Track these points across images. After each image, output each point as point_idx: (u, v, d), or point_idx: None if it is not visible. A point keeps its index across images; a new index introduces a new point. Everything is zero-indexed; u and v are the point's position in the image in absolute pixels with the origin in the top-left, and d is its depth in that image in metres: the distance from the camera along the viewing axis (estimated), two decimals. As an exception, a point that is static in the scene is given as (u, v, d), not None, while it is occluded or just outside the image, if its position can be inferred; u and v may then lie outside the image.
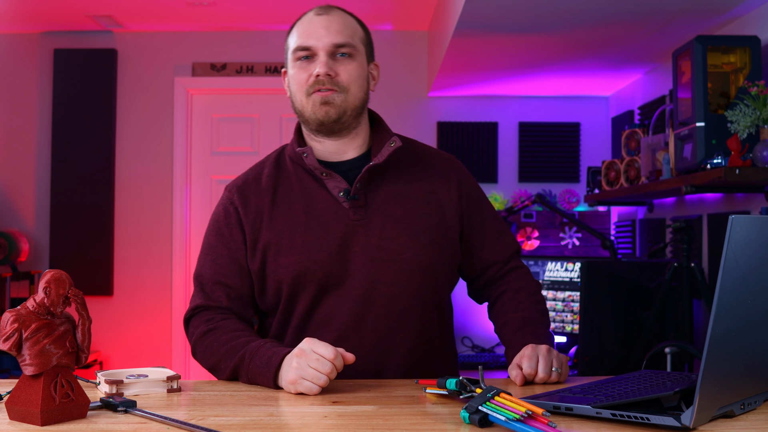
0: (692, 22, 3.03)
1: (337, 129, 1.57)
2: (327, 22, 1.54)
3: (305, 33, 1.55)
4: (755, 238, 1.05)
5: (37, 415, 1.06)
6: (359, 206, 1.54)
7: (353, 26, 1.58)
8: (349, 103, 1.54)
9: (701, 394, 1.01)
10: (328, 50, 1.53)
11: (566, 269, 3.68)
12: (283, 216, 1.56)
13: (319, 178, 1.56)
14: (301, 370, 1.30)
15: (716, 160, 2.49)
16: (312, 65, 1.54)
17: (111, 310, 4.48)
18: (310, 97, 1.54)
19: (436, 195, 1.60)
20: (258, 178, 1.63)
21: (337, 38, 1.53)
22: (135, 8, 4.15)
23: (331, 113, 1.53)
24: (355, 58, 1.55)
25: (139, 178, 4.55)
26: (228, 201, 1.61)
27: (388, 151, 1.56)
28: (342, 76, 1.53)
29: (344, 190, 1.54)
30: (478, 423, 1.07)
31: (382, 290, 1.52)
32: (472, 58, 3.69)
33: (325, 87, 1.52)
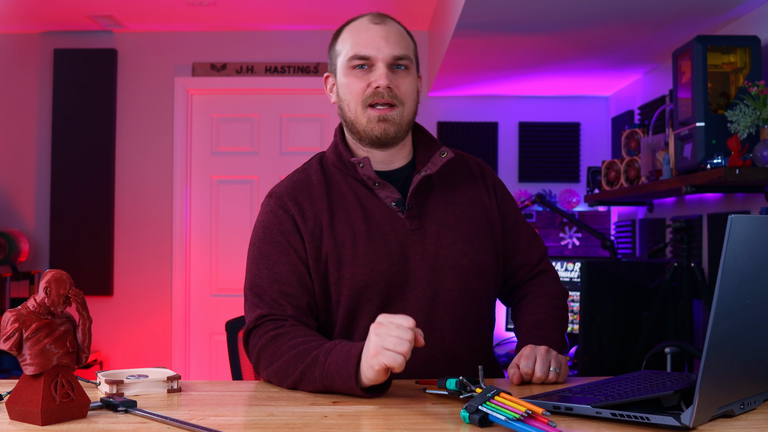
0: (692, 22, 3.03)
1: (391, 143, 1.55)
2: (385, 32, 1.52)
3: (363, 42, 1.52)
4: (755, 238, 1.05)
5: (37, 414, 1.06)
6: (413, 216, 1.53)
7: (408, 38, 1.57)
8: (405, 118, 1.54)
9: (701, 393, 1.01)
10: (388, 62, 1.51)
11: (566, 269, 3.68)
12: (342, 225, 1.51)
13: (370, 188, 1.54)
14: (381, 339, 1.22)
15: (716, 160, 2.49)
16: (370, 75, 1.51)
17: (111, 310, 4.48)
18: (366, 111, 1.51)
19: (479, 199, 1.61)
20: (308, 185, 1.56)
21: (396, 50, 1.51)
22: (135, 8, 4.15)
23: (390, 131, 1.52)
24: (410, 71, 1.54)
25: (139, 178, 4.55)
26: (278, 208, 1.53)
27: (440, 161, 1.55)
28: (401, 89, 1.52)
29: (397, 200, 1.52)
30: (478, 423, 1.07)
31: (444, 298, 1.51)
32: (472, 58, 3.69)
33: (383, 100, 1.50)
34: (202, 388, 1.40)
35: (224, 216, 4.60)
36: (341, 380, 1.27)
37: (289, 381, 1.36)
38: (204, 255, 4.59)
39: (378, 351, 1.22)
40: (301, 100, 4.62)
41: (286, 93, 4.60)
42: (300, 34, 4.55)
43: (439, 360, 1.51)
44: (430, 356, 1.49)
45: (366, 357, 1.24)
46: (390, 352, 1.21)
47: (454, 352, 1.52)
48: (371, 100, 1.51)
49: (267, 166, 4.58)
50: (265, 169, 4.57)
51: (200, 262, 4.60)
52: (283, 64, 4.53)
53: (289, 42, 4.55)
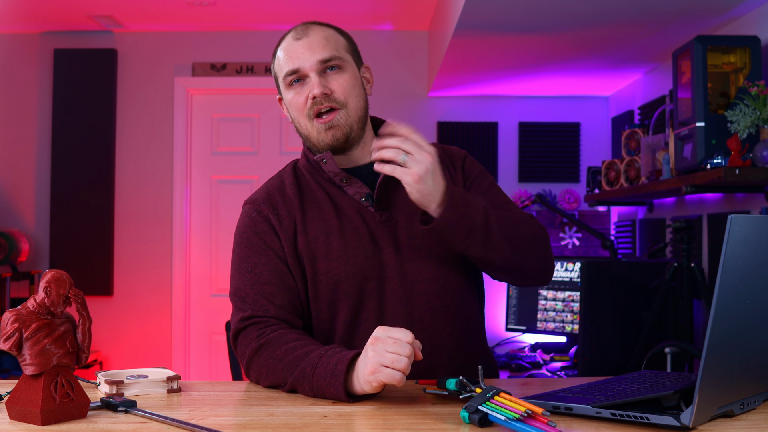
0: (692, 22, 3.03)
1: (348, 147, 1.56)
2: (307, 43, 1.53)
3: (290, 57, 1.54)
4: (755, 238, 1.05)
5: (37, 414, 1.06)
6: (383, 208, 1.55)
7: (334, 38, 1.57)
8: (351, 118, 1.54)
9: (701, 393, 1.01)
10: (317, 68, 1.52)
11: (566, 269, 3.68)
12: (314, 221, 1.53)
13: (339, 185, 1.56)
14: (379, 356, 1.20)
15: (716, 160, 2.49)
16: (306, 87, 1.53)
17: (111, 310, 4.48)
18: (312, 123, 1.53)
19: None
20: (281, 188, 1.60)
21: (321, 54, 1.52)
22: (135, 8, 4.15)
23: (339, 136, 1.53)
24: (344, 69, 1.54)
25: (139, 178, 4.55)
26: (254, 212, 1.57)
27: None
28: (337, 92, 1.52)
29: (366, 195, 1.54)
30: (478, 423, 1.07)
31: (421, 288, 1.51)
32: (472, 58, 3.69)
33: (324, 107, 1.51)
34: (202, 388, 1.40)
35: (224, 216, 4.60)
36: (332, 395, 1.27)
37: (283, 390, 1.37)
38: (204, 255, 4.59)
39: (376, 368, 1.21)
40: (301, 100, 4.61)
41: (286, 93, 4.59)
42: (300, 34, 4.54)
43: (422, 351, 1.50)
44: None
45: (363, 374, 1.23)
46: (388, 370, 1.20)
47: (436, 342, 1.51)
48: (313, 111, 1.52)
49: (267, 166, 4.58)
50: (265, 169, 4.57)
51: (200, 262, 4.60)
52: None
53: (289, 42, 4.55)
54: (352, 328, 1.52)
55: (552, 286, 3.73)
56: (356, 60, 1.60)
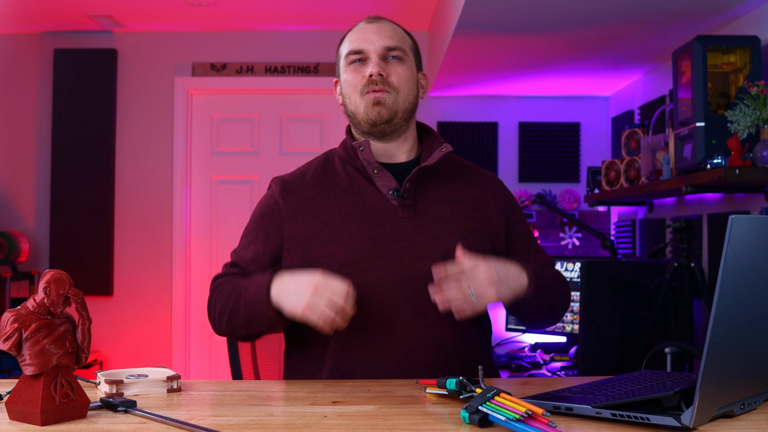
0: (692, 22, 3.03)
1: (388, 131, 1.62)
2: (378, 28, 1.63)
3: (357, 38, 1.63)
4: (755, 238, 1.05)
5: (37, 415, 1.06)
6: (408, 205, 1.58)
7: (402, 34, 1.67)
8: (399, 105, 1.61)
9: (701, 394, 1.01)
10: (380, 53, 1.61)
11: (566, 269, 3.68)
12: (329, 208, 1.58)
13: (369, 176, 1.60)
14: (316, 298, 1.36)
15: (716, 160, 2.49)
16: (364, 68, 1.61)
17: (111, 310, 4.48)
18: (363, 97, 1.60)
19: (483, 203, 1.65)
20: (303, 175, 1.67)
21: (388, 42, 1.61)
22: (135, 8, 4.15)
23: (383, 113, 1.59)
24: (405, 61, 1.63)
25: (139, 178, 4.55)
26: (270, 192, 1.66)
27: (439, 155, 1.61)
28: (393, 77, 1.60)
29: (394, 189, 1.59)
30: (478, 423, 1.07)
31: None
32: (472, 58, 3.69)
33: (377, 87, 1.59)
34: (202, 388, 1.40)
35: (224, 216, 4.60)
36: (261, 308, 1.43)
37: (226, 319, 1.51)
38: (204, 255, 4.59)
39: (309, 307, 1.36)
40: (301, 100, 4.62)
41: (286, 93, 4.60)
42: (300, 34, 4.55)
43: (422, 346, 1.52)
44: (414, 341, 1.52)
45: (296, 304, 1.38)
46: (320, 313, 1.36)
47: (436, 341, 1.53)
48: (367, 89, 1.60)
49: (267, 166, 4.58)
50: (265, 169, 4.57)
51: (200, 262, 4.59)
52: (283, 64, 4.53)
53: (289, 42, 4.55)
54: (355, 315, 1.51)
55: (552, 286, 3.72)
56: (417, 62, 1.69)
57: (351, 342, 1.53)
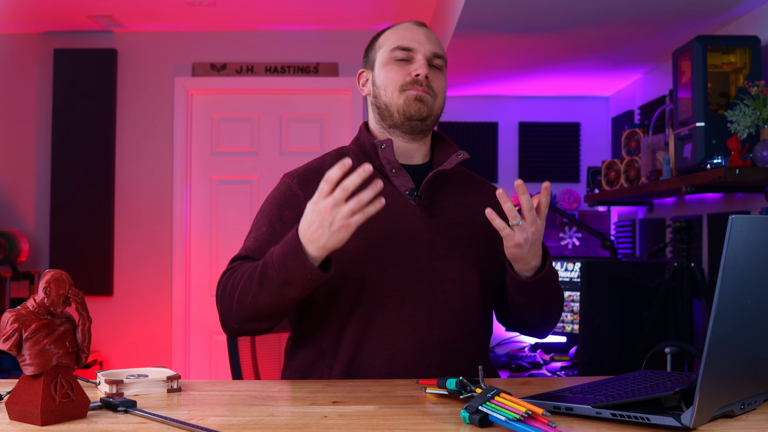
0: (692, 22, 3.03)
1: (419, 129, 1.63)
2: (426, 33, 1.65)
3: (407, 37, 1.63)
4: (755, 238, 1.05)
5: (37, 415, 1.06)
6: (425, 206, 1.60)
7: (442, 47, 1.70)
8: (436, 109, 1.63)
9: (701, 394, 1.01)
10: (428, 56, 1.62)
11: (566, 269, 3.68)
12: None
13: (386, 174, 1.61)
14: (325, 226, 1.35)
15: (716, 160, 2.49)
16: (410, 66, 1.61)
17: (111, 310, 4.48)
18: (403, 93, 1.60)
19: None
20: (320, 168, 1.64)
21: (436, 48, 1.64)
22: (135, 8, 4.15)
23: (423, 110, 1.60)
24: (443, 72, 1.66)
25: (139, 178, 4.55)
26: (285, 186, 1.63)
27: (456, 160, 1.63)
28: (435, 83, 1.62)
29: (411, 189, 1.60)
30: (478, 423, 1.07)
31: (445, 287, 1.56)
32: (472, 58, 3.69)
33: (421, 88, 1.60)
34: (202, 388, 1.40)
35: (224, 216, 4.60)
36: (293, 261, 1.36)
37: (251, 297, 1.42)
38: (204, 255, 4.59)
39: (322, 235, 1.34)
40: (301, 100, 4.61)
41: (286, 93, 4.60)
42: (300, 34, 4.55)
43: (436, 346, 1.53)
44: (428, 340, 1.53)
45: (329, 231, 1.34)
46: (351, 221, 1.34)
47: (450, 340, 1.55)
48: (410, 87, 1.60)
49: (267, 166, 4.58)
50: (265, 169, 4.57)
51: (200, 262, 4.59)
52: (283, 64, 4.53)
53: (289, 42, 4.55)
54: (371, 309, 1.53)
55: (552, 286, 3.72)
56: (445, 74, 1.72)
57: (367, 338, 1.53)
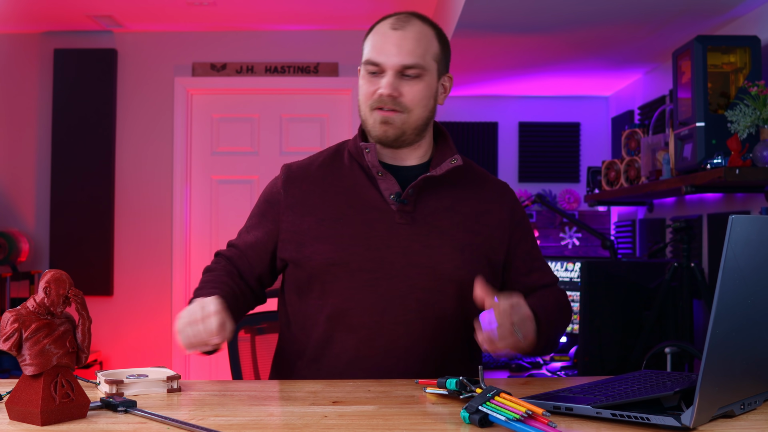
0: (692, 22, 3.03)
1: (396, 145, 1.59)
2: (400, 39, 1.53)
3: (377, 47, 1.54)
4: (755, 238, 1.05)
5: (37, 415, 1.06)
6: (407, 212, 1.55)
7: (427, 43, 1.55)
8: (409, 124, 1.55)
9: (701, 394, 1.01)
10: (396, 69, 1.52)
11: (566, 269, 3.68)
12: (327, 205, 1.57)
13: (373, 177, 1.57)
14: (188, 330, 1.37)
15: (716, 160, 2.49)
16: (379, 81, 1.54)
17: (111, 310, 4.48)
18: (372, 112, 1.56)
19: (487, 216, 1.61)
20: (310, 165, 1.65)
21: (406, 59, 1.52)
22: (135, 8, 4.15)
23: (389, 133, 1.55)
24: (423, 78, 1.54)
25: (139, 178, 4.55)
26: (275, 182, 1.66)
27: (447, 166, 1.57)
28: (406, 97, 1.53)
29: (396, 193, 1.55)
30: (478, 423, 1.07)
31: (418, 295, 1.51)
32: (472, 58, 3.69)
33: (387, 107, 1.53)
34: (202, 388, 1.40)
35: (224, 216, 4.60)
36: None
37: None
38: (204, 255, 4.59)
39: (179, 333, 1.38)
40: (301, 100, 4.61)
41: (286, 93, 4.60)
42: (300, 34, 4.55)
43: (401, 354, 1.52)
44: (392, 348, 1.51)
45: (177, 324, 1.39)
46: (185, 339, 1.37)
47: (417, 350, 1.53)
48: (376, 105, 1.54)
49: (267, 166, 4.58)
50: (265, 169, 4.57)
51: (200, 263, 4.59)
52: (283, 64, 4.53)
53: (289, 42, 4.55)
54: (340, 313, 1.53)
55: (552, 286, 3.72)
56: (441, 68, 1.59)
57: (333, 341, 1.54)
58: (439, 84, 1.60)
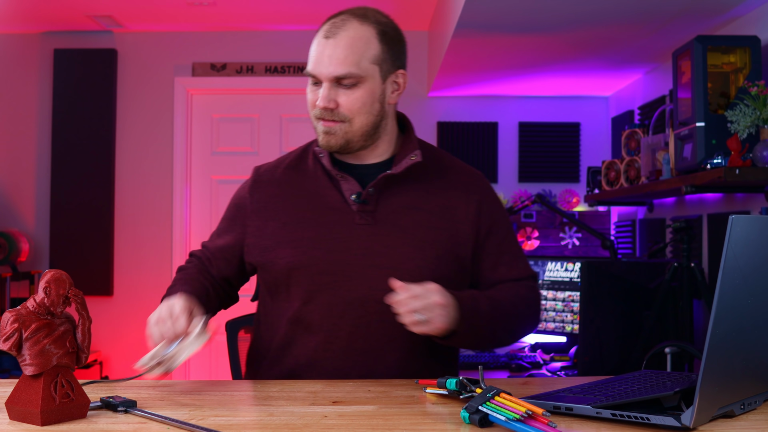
0: (692, 22, 3.03)
1: (344, 152, 1.57)
2: (332, 48, 1.49)
3: (313, 57, 1.52)
4: (755, 238, 1.05)
5: (37, 415, 1.06)
6: (368, 212, 1.54)
7: (363, 47, 1.50)
8: (353, 132, 1.52)
9: (701, 394, 1.01)
10: (330, 81, 1.50)
11: (566, 269, 3.68)
12: (290, 209, 1.58)
13: (335, 179, 1.56)
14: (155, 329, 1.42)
15: (716, 160, 2.49)
16: (318, 90, 1.53)
17: (111, 310, 4.48)
18: (317, 122, 1.55)
19: (452, 211, 1.57)
20: (276, 168, 1.66)
21: (338, 70, 1.48)
22: (135, 8, 4.15)
23: (332, 143, 1.54)
24: (360, 85, 1.50)
25: (139, 178, 4.55)
26: (243, 186, 1.69)
27: (407, 163, 1.55)
28: (343, 107, 1.50)
29: (356, 194, 1.54)
30: (478, 423, 1.07)
31: (378, 296, 1.47)
32: (472, 58, 3.68)
33: (327, 117, 1.52)
34: (202, 388, 1.40)
35: (224, 216, 4.59)
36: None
37: None
38: (204, 255, 4.59)
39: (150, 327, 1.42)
40: (301, 100, 4.57)
41: (286, 93, 4.60)
42: (300, 34, 4.55)
43: (360, 356, 1.52)
44: (350, 350, 1.51)
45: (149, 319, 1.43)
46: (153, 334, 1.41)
47: (377, 352, 1.52)
48: (318, 115, 1.54)
49: (267, 166, 4.57)
50: (265, 169, 4.57)
51: (200, 262, 4.59)
52: (283, 64, 4.53)
53: (289, 42, 4.55)
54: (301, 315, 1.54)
55: (552, 286, 3.72)
56: (387, 67, 1.54)
57: (294, 342, 1.55)
58: (388, 84, 1.54)
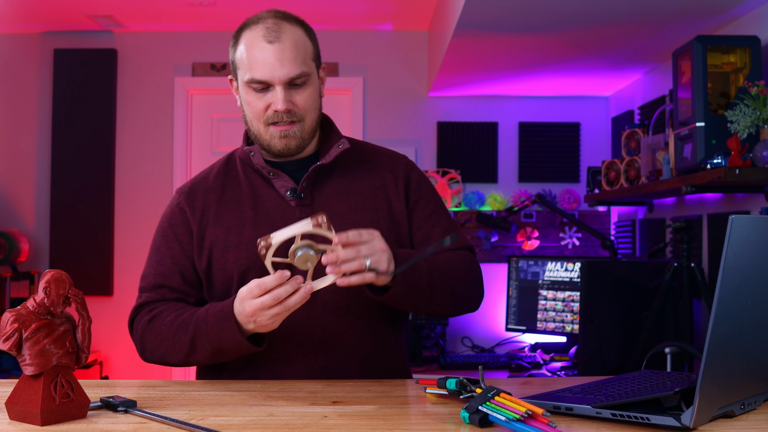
0: (692, 22, 3.03)
1: (298, 152, 1.60)
2: (280, 52, 1.50)
3: (258, 64, 1.51)
4: (755, 238, 1.05)
5: (37, 415, 1.06)
6: (305, 204, 1.57)
7: (304, 46, 1.54)
8: (306, 130, 1.57)
9: (701, 394, 1.01)
10: (284, 83, 1.51)
11: (566, 269, 3.68)
12: (230, 213, 1.58)
13: (266, 178, 1.59)
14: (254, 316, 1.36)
15: (716, 160, 2.49)
16: (268, 96, 1.53)
17: (111, 310, 4.48)
18: (268, 128, 1.55)
19: (383, 190, 1.61)
20: (206, 179, 1.66)
21: (292, 71, 1.50)
22: (135, 8, 4.15)
23: (291, 145, 1.56)
24: (309, 83, 1.54)
25: (139, 178, 4.55)
26: (175, 203, 1.64)
27: (336, 152, 1.58)
28: (299, 106, 1.54)
29: (291, 189, 1.57)
30: (478, 423, 1.07)
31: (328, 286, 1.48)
32: (472, 58, 3.69)
33: (283, 121, 1.53)
34: (202, 388, 1.40)
35: (224, 216, 4.60)
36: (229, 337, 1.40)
37: (181, 355, 1.47)
38: (204, 255, 4.59)
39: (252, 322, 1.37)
40: (301, 100, 4.61)
41: (286, 93, 4.59)
42: (300, 34, 4.54)
43: (318, 348, 1.52)
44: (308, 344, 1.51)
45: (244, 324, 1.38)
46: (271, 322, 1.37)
47: (334, 341, 1.52)
48: (272, 120, 1.54)
49: (267, 166, 4.57)
50: (265, 169, 4.57)
51: (200, 262, 4.60)
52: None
53: (289, 42, 4.55)
54: None
55: (552, 286, 3.73)
56: (317, 64, 1.59)
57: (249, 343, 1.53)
58: (320, 79, 1.61)
